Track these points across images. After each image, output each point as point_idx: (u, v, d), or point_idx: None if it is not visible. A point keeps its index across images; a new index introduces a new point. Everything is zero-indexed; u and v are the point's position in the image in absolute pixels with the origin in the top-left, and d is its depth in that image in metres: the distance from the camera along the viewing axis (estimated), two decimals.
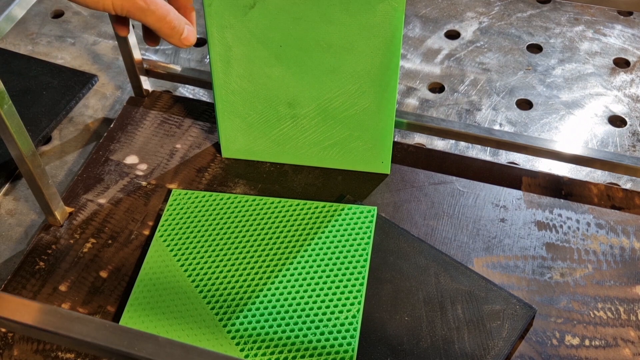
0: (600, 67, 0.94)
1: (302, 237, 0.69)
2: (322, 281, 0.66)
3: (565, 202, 0.74)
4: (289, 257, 0.68)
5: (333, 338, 0.61)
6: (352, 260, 0.67)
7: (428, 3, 1.05)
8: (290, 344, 0.61)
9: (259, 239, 0.70)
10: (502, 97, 0.90)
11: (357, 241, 0.68)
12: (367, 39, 0.67)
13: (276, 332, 0.62)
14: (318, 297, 0.64)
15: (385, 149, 0.74)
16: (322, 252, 0.68)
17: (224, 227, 0.71)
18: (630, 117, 0.87)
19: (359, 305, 0.64)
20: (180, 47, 0.51)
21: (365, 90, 0.70)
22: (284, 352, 0.61)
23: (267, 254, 0.68)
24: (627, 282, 0.67)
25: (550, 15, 1.03)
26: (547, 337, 0.63)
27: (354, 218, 0.70)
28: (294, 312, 0.63)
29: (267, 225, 0.71)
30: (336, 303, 0.64)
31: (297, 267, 0.67)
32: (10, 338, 0.63)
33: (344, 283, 0.65)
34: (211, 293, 0.65)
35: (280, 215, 0.71)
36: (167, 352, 0.54)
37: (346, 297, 0.64)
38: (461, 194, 0.75)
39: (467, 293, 0.64)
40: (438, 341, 0.61)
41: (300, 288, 0.65)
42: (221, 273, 0.67)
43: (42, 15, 1.03)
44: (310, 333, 0.62)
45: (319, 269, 0.67)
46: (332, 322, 0.62)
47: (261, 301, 0.64)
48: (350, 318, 0.63)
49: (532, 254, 0.69)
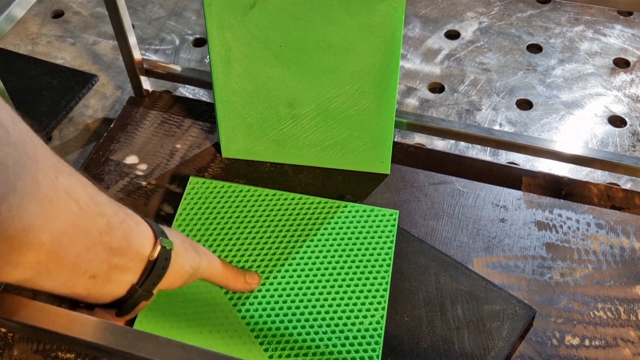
0: (600, 67, 0.94)
1: (324, 237, 0.68)
2: (345, 284, 0.65)
3: (565, 202, 0.74)
4: (311, 257, 0.67)
5: (358, 343, 0.61)
6: (375, 265, 0.66)
7: (428, 3, 1.05)
8: (315, 347, 0.61)
9: (280, 235, 0.68)
10: (502, 97, 0.90)
11: (379, 245, 0.68)
12: (367, 39, 0.67)
13: (300, 334, 0.61)
14: (342, 300, 0.64)
15: (385, 149, 0.74)
16: (345, 253, 0.67)
17: (244, 220, 0.70)
18: (630, 117, 0.87)
19: (382, 311, 0.63)
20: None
21: (365, 90, 0.70)
22: (308, 355, 0.60)
23: (289, 251, 0.67)
24: (627, 282, 0.67)
25: (550, 15, 1.03)
26: (547, 337, 0.63)
27: (376, 220, 0.70)
28: (318, 314, 0.63)
29: (289, 222, 0.69)
30: (360, 307, 0.63)
31: (320, 268, 0.66)
32: (10, 338, 0.63)
33: (368, 287, 0.64)
34: None
35: (301, 212, 0.70)
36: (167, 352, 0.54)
37: (370, 302, 0.64)
38: (461, 194, 0.75)
39: (467, 293, 0.64)
40: (438, 341, 0.61)
41: (323, 290, 0.64)
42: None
43: (42, 15, 1.03)
44: (334, 337, 0.61)
45: (342, 271, 0.66)
46: (356, 327, 0.62)
47: (284, 300, 0.64)
48: (374, 324, 0.62)
49: (532, 254, 0.69)
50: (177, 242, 0.51)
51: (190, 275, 0.53)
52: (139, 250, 0.48)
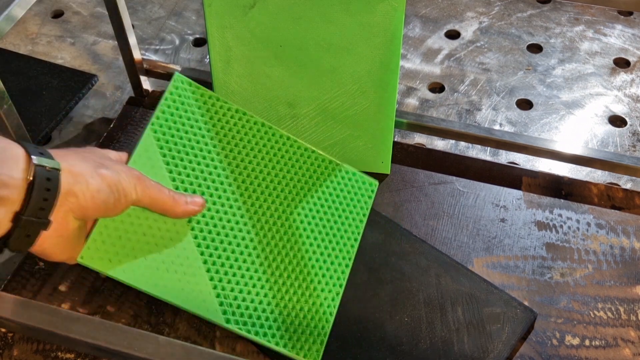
0: (601, 67, 0.94)
1: (299, 184, 0.66)
2: (311, 237, 0.64)
3: (566, 202, 0.74)
4: (281, 202, 0.64)
5: (312, 303, 0.61)
6: (343, 226, 0.66)
7: (428, 3, 1.05)
8: (271, 297, 0.60)
9: (257, 169, 0.64)
10: (502, 97, 0.90)
11: (354, 210, 0.67)
12: (367, 39, 0.67)
13: (255, 286, 0.60)
14: (307, 254, 0.63)
15: (385, 148, 0.74)
16: (315, 208, 0.65)
17: (223, 141, 0.63)
18: (630, 117, 0.87)
19: (343, 275, 0.64)
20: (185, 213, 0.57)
21: (366, 90, 0.70)
22: (262, 304, 0.59)
23: (259, 189, 0.63)
24: (627, 282, 0.67)
25: (551, 15, 1.03)
26: (547, 337, 0.63)
27: (355, 187, 0.69)
28: (281, 263, 0.61)
29: (269, 158, 0.65)
30: (321, 265, 0.63)
31: (288, 216, 0.64)
32: (10, 338, 0.63)
33: (333, 246, 0.64)
34: (196, 218, 0.60)
35: (285, 153, 0.66)
36: (167, 352, 0.54)
37: (332, 262, 0.64)
38: (461, 194, 0.75)
39: (468, 295, 0.64)
40: (437, 342, 0.61)
41: (288, 242, 0.63)
42: (211, 197, 0.61)
43: (42, 15, 1.03)
44: (293, 292, 0.61)
45: (309, 225, 0.64)
46: (313, 285, 0.62)
47: (246, 245, 0.61)
48: (336, 282, 0.62)
49: (532, 254, 0.69)
50: (75, 161, 0.48)
51: (116, 199, 0.49)
52: (12, 175, 0.44)
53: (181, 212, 0.57)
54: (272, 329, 0.59)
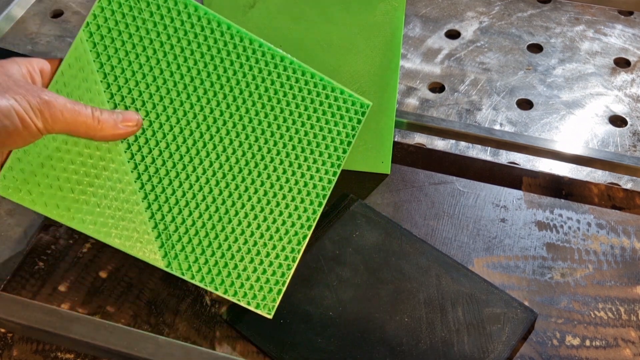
0: (601, 67, 0.94)
1: (269, 104, 0.55)
2: (282, 168, 0.55)
3: (566, 202, 0.73)
4: (246, 126, 0.54)
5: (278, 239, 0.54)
6: (325, 161, 0.57)
7: (428, 2, 1.05)
8: (223, 239, 0.52)
9: (216, 84, 0.54)
10: (502, 97, 0.90)
11: (339, 134, 0.57)
12: (367, 39, 0.67)
13: (204, 225, 0.53)
14: (271, 189, 0.54)
15: (385, 148, 0.74)
16: (288, 133, 0.56)
17: (176, 50, 0.53)
18: (630, 117, 0.87)
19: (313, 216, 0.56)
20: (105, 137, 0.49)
21: (366, 90, 0.70)
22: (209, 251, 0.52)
23: (221, 110, 0.53)
24: (628, 282, 0.67)
25: (551, 15, 1.02)
26: (548, 337, 0.63)
27: (342, 108, 0.58)
28: (239, 199, 0.53)
29: (233, 70, 0.54)
30: (288, 203, 0.55)
31: (253, 144, 0.54)
32: (9, 338, 0.63)
33: (306, 181, 0.56)
34: (135, 141, 0.51)
35: (255, 64, 0.55)
36: (167, 353, 0.54)
37: (302, 200, 0.55)
38: (461, 194, 0.75)
39: (468, 295, 0.64)
40: (437, 343, 0.61)
41: (249, 174, 0.54)
42: (157, 119, 0.52)
43: (42, 14, 1.03)
44: (250, 233, 0.53)
45: (280, 156, 0.55)
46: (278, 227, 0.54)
47: (197, 177, 0.53)
48: (304, 224, 0.55)
49: (532, 254, 0.69)
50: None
51: (11, 130, 0.43)
52: None
53: (110, 134, 0.49)
54: (220, 275, 0.53)
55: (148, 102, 0.52)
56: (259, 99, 0.55)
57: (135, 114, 0.51)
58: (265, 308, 0.55)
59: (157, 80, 0.52)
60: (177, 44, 0.53)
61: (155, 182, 0.52)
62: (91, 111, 0.47)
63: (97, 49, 0.51)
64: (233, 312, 0.63)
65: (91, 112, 0.47)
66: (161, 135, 0.52)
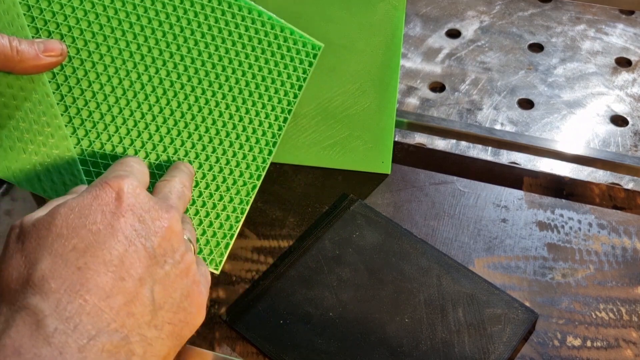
0: (602, 67, 0.94)
1: (215, 42, 0.51)
2: (228, 113, 0.52)
3: (567, 202, 0.73)
4: (188, 63, 0.50)
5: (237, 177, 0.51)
6: (275, 106, 0.54)
7: (429, 2, 1.05)
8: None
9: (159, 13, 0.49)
10: (503, 96, 0.90)
11: (290, 79, 0.55)
12: (367, 38, 0.66)
13: None
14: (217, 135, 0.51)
15: (385, 148, 0.74)
16: (234, 75, 0.52)
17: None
18: (632, 117, 0.87)
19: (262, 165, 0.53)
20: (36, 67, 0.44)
21: (366, 90, 0.70)
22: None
23: (161, 43, 0.49)
24: (629, 282, 0.67)
25: (552, 14, 1.02)
26: (549, 338, 0.63)
27: (292, 49, 0.55)
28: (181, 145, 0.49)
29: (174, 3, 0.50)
30: (235, 151, 0.52)
31: (196, 84, 0.50)
32: None
33: (254, 127, 0.53)
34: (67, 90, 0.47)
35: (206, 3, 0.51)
36: None
37: (250, 147, 0.53)
38: (462, 194, 0.74)
39: (469, 296, 0.64)
40: (438, 344, 0.61)
41: (192, 118, 0.50)
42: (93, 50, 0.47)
43: None
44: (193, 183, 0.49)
45: (226, 99, 0.51)
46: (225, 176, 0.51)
47: (135, 120, 0.48)
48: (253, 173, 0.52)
49: (533, 255, 0.69)
50: None
51: None
52: None
53: (32, 66, 0.44)
54: None
55: (82, 43, 0.47)
56: (202, 37, 0.51)
57: (59, 42, 0.45)
58: (212, 263, 0.51)
59: (93, 7, 0.47)
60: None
61: (89, 126, 0.47)
62: (8, 41, 0.42)
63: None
64: (232, 312, 0.63)
65: (8, 41, 0.42)
66: (94, 70, 0.47)
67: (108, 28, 0.48)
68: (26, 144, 0.45)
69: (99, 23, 0.48)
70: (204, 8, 0.51)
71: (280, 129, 0.55)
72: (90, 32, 0.47)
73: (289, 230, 0.71)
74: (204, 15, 0.51)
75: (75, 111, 0.47)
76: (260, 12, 0.54)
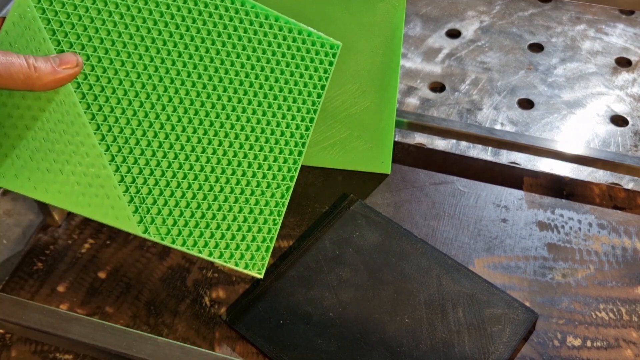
0: (602, 67, 0.94)
1: (236, 50, 0.52)
2: (255, 118, 0.52)
3: (567, 202, 0.73)
4: (216, 70, 0.50)
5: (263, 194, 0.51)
6: (300, 107, 0.54)
7: (429, 2, 1.05)
8: (201, 198, 0.48)
9: (181, 26, 0.50)
10: (503, 96, 0.90)
11: (312, 80, 0.55)
12: (367, 38, 0.66)
13: (180, 184, 0.48)
14: (247, 140, 0.51)
15: (385, 148, 0.74)
16: (259, 80, 0.53)
17: None
18: (632, 117, 0.87)
19: (294, 166, 0.54)
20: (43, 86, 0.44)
21: (366, 90, 0.70)
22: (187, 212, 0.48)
23: (188, 54, 0.50)
24: (629, 282, 0.67)
25: (552, 14, 1.02)
26: (549, 338, 0.63)
27: (312, 51, 0.55)
28: (213, 154, 0.49)
29: (194, 15, 0.50)
30: (266, 155, 0.52)
31: (224, 92, 0.51)
32: (8, 339, 0.63)
33: (282, 130, 0.53)
34: (93, 98, 0.46)
35: (215, 10, 0.51)
36: (166, 353, 0.54)
37: (280, 150, 0.53)
38: (462, 194, 0.74)
39: (469, 296, 0.64)
40: (438, 344, 0.61)
41: (222, 126, 0.50)
42: (112, 65, 0.47)
43: None
44: (229, 189, 0.50)
45: (253, 105, 0.52)
46: (259, 180, 0.51)
47: (166, 133, 0.48)
48: (286, 175, 0.53)
49: (533, 255, 0.69)
50: None
51: None
52: None
53: (51, 80, 0.44)
54: (202, 237, 0.49)
55: (103, 52, 0.48)
56: (223, 46, 0.51)
57: (73, 54, 0.46)
58: (255, 267, 0.52)
59: (117, 23, 0.48)
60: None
61: (122, 142, 0.48)
62: (25, 60, 0.43)
63: (42, 4, 0.46)
64: (233, 312, 0.63)
65: (25, 60, 0.43)
66: (121, 86, 0.48)
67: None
68: (67, 173, 0.45)
69: (122, 40, 0.48)
70: (222, 18, 0.52)
71: (308, 129, 0.55)
72: (111, 44, 0.48)
73: (289, 230, 0.71)
74: (222, 24, 0.52)
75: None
76: (277, 17, 0.54)
